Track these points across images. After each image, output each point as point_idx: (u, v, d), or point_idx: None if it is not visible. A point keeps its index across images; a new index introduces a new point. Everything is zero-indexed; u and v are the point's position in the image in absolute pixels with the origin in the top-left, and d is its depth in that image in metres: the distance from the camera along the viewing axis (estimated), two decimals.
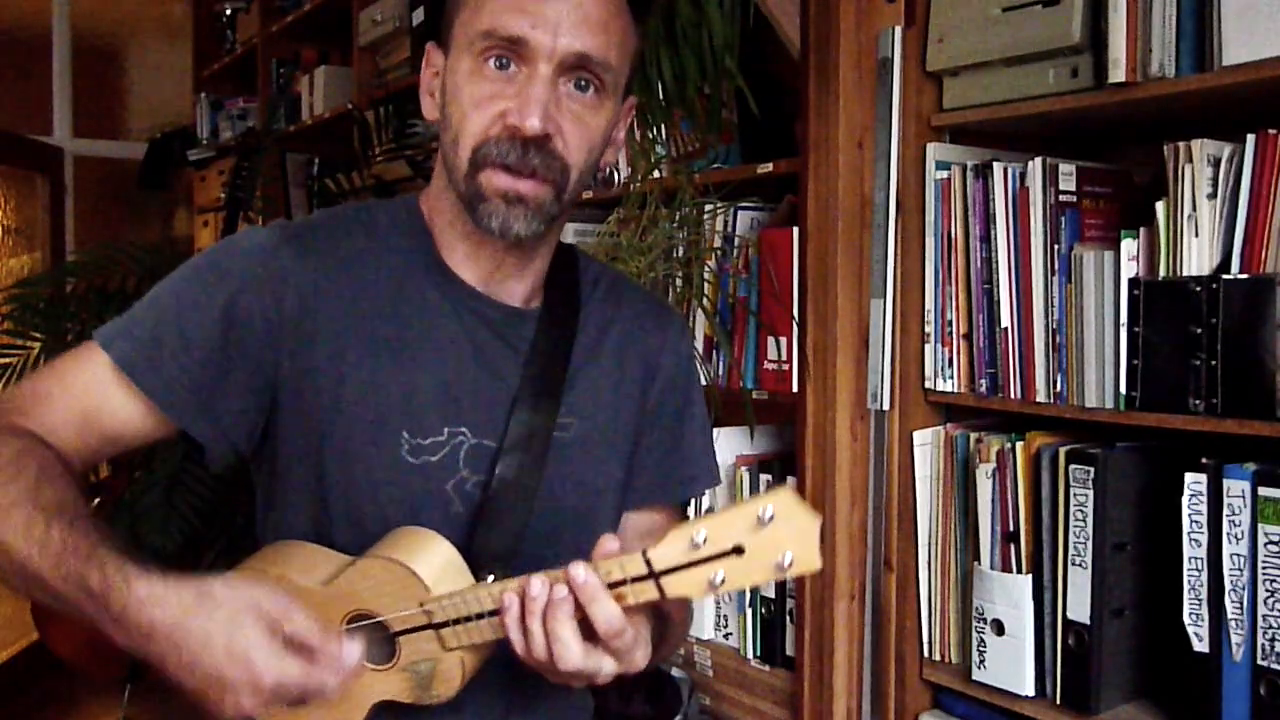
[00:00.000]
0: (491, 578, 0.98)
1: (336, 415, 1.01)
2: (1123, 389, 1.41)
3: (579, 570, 0.86)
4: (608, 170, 1.57)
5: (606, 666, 0.89)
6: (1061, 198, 1.50)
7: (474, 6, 0.98)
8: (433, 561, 0.95)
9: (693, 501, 1.69)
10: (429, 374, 1.03)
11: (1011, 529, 1.53)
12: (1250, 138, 1.30)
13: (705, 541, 0.84)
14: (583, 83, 0.97)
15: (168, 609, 0.82)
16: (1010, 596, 1.52)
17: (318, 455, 1.01)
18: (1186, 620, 1.35)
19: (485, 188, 0.97)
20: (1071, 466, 1.45)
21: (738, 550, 0.84)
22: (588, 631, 0.87)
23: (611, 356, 1.13)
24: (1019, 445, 1.53)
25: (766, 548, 0.84)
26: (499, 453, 1.04)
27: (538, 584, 0.87)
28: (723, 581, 0.84)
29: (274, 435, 1.04)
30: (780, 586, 1.88)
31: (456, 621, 0.93)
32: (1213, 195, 1.33)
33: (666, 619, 1.03)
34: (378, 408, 1.01)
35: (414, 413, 1.02)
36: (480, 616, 0.92)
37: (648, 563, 0.86)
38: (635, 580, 0.87)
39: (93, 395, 0.99)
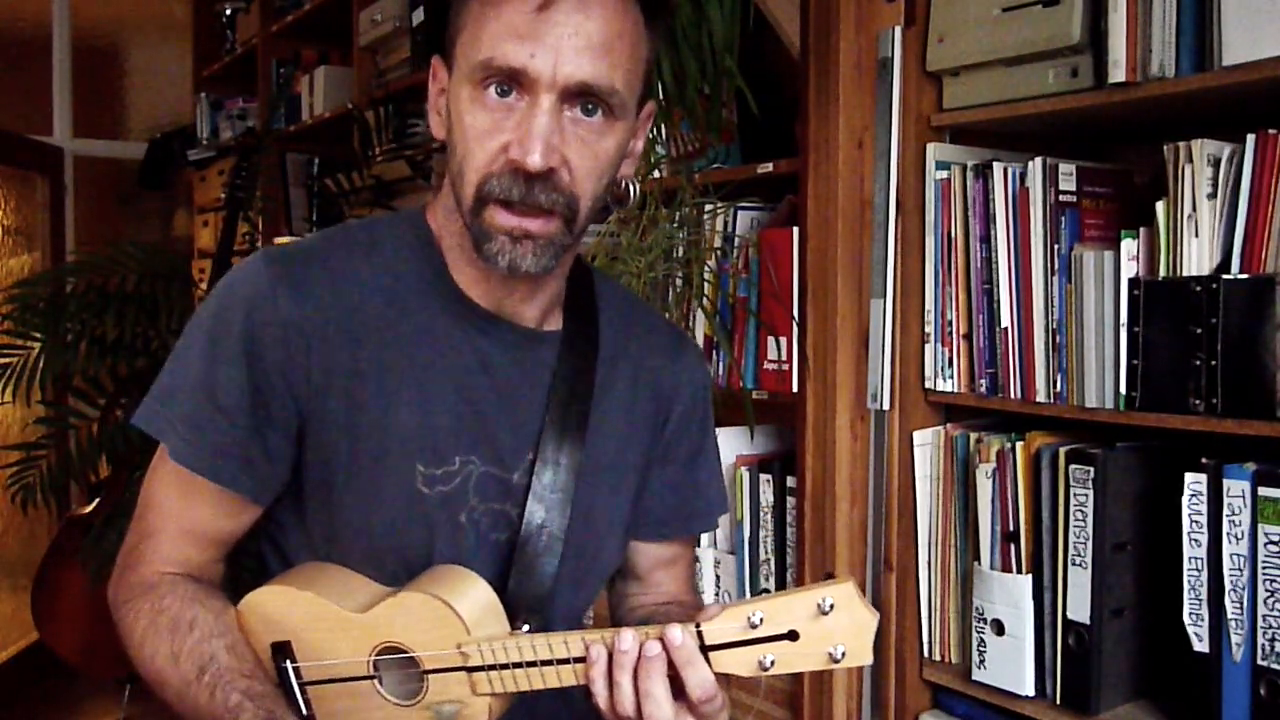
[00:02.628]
0: (526, 627, 0.98)
1: (352, 450, 0.99)
2: (1123, 389, 1.41)
3: (676, 633, 0.86)
4: (624, 184, 1.55)
5: None
6: (1061, 198, 1.50)
7: (473, 30, 0.93)
8: (474, 604, 0.94)
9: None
10: (442, 401, 1.01)
11: (1011, 529, 1.53)
12: (1250, 138, 1.30)
13: (761, 622, 0.85)
14: (590, 106, 0.93)
15: None
16: (1010, 596, 1.52)
17: (332, 489, 1.00)
18: (1186, 620, 1.35)
19: (490, 225, 0.93)
20: (1071, 466, 1.45)
21: (792, 635, 0.85)
22: (675, 692, 0.88)
23: (624, 386, 1.11)
24: (1019, 445, 1.53)
25: (821, 637, 0.84)
26: (526, 486, 1.03)
27: (629, 638, 0.87)
28: (773, 664, 0.85)
29: (295, 468, 1.02)
30: (780, 585, 1.88)
31: (492, 667, 0.92)
32: (1213, 195, 1.33)
33: None
34: (393, 440, 0.99)
35: (428, 443, 1.00)
36: (519, 665, 0.91)
37: (699, 635, 0.87)
38: None
39: (182, 508, 1.01)
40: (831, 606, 0.83)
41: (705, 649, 0.87)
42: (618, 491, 1.11)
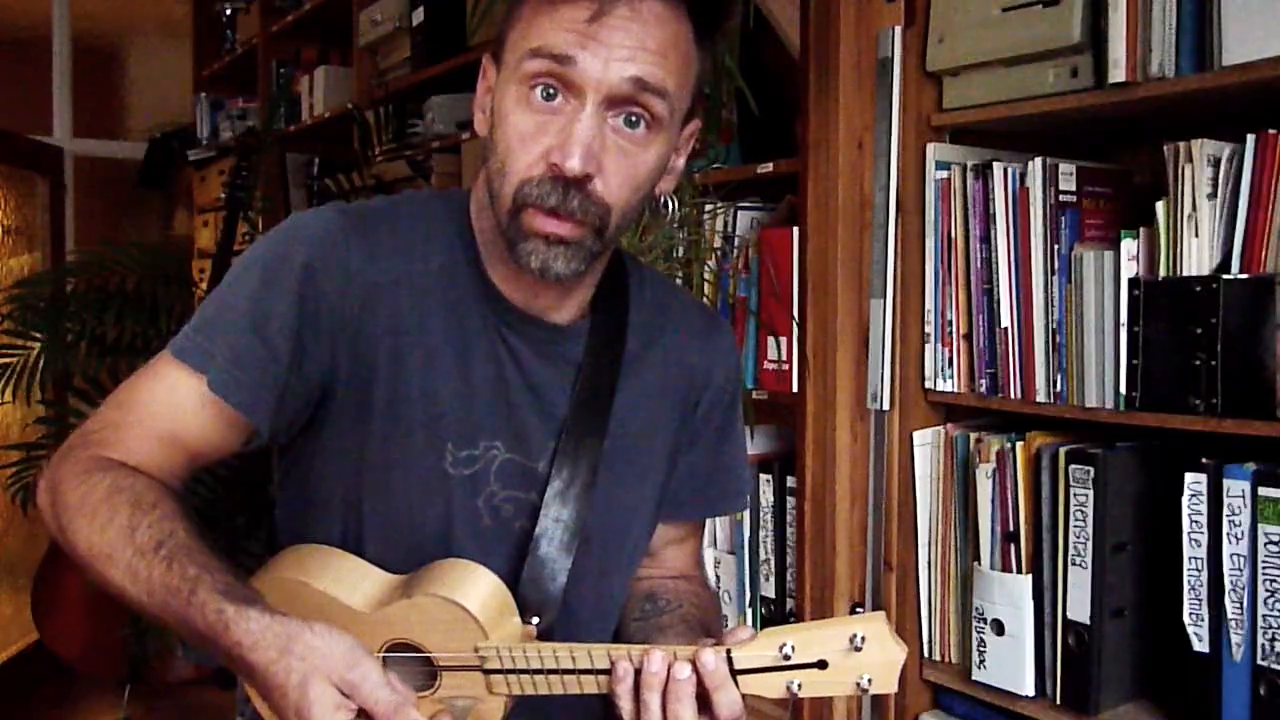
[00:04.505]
0: (536, 619, 0.98)
1: (391, 417, 0.99)
2: (1123, 389, 1.41)
3: (709, 658, 0.88)
4: (662, 198, 1.58)
5: None
6: (1061, 198, 1.50)
7: (525, 24, 0.94)
8: (486, 602, 0.94)
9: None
10: (479, 386, 1.01)
11: (1011, 529, 1.53)
12: (1250, 138, 1.30)
13: (793, 652, 0.87)
14: (633, 118, 0.94)
15: (259, 654, 0.83)
16: (1010, 596, 1.52)
17: (359, 458, 1.00)
18: (1186, 620, 1.35)
19: (526, 228, 0.94)
20: (1071, 466, 1.45)
21: (821, 664, 0.87)
22: (700, 707, 0.89)
23: (654, 370, 1.11)
24: (1019, 445, 1.53)
25: (850, 667, 0.86)
26: (545, 489, 1.03)
27: (658, 660, 0.88)
28: (800, 688, 0.87)
29: (317, 432, 1.01)
30: (780, 585, 1.88)
31: (510, 671, 0.92)
32: (1213, 195, 1.33)
33: None
34: (431, 416, 1.00)
35: (462, 424, 1.01)
36: (538, 672, 0.92)
37: (730, 660, 0.88)
38: None
39: (178, 416, 0.96)
40: (864, 641, 0.86)
41: (734, 672, 0.88)
42: (644, 479, 1.11)
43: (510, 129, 0.94)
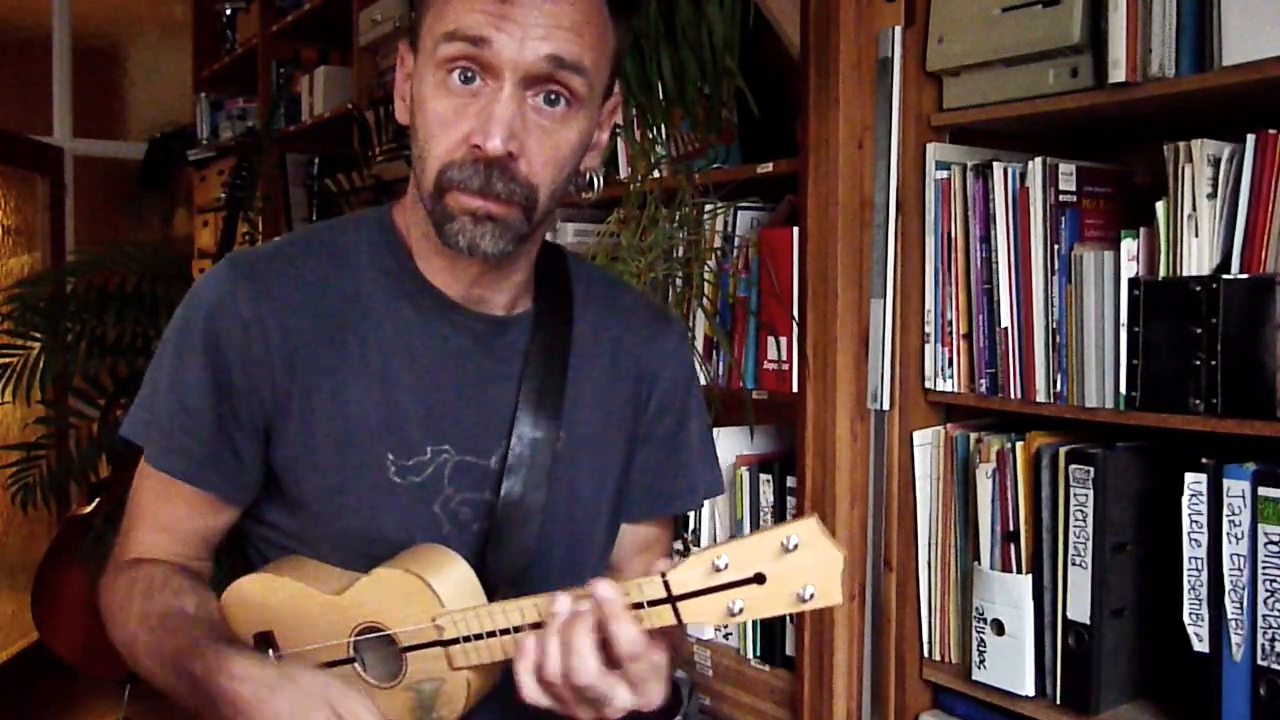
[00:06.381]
0: None
1: (316, 446, 1.00)
2: (1123, 389, 1.41)
3: (603, 587, 0.84)
4: (589, 175, 1.55)
5: (620, 695, 0.86)
6: (1061, 198, 1.50)
7: (439, 7, 0.94)
8: (449, 579, 0.94)
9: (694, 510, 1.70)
10: (410, 393, 1.01)
11: (1011, 529, 1.53)
12: (1250, 138, 1.30)
13: (727, 567, 0.82)
14: (552, 96, 0.93)
15: (252, 685, 0.88)
16: (1010, 596, 1.52)
17: (302, 486, 1.01)
18: (1186, 620, 1.35)
19: (452, 207, 0.94)
20: (1071, 466, 1.45)
21: (759, 579, 0.82)
22: (606, 657, 0.85)
23: (604, 364, 1.11)
24: (1019, 445, 1.53)
25: (788, 578, 0.81)
26: (502, 471, 1.02)
27: (563, 601, 0.86)
28: (741, 610, 0.82)
29: (278, 480, 1.03)
30: None
31: (467, 639, 0.92)
32: (1213, 195, 1.33)
33: (676, 647, 1.01)
34: (357, 434, 1.00)
35: (397, 434, 1.01)
36: (492, 634, 0.91)
37: (666, 585, 0.84)
38: (653, 604, 0.85)
39: (157, 507, 1.04)
40: (796, 545, 0.81)
41: (673, 599, 0.84)
42: (604, 472, 1.10)
43: (429, 114, 0.94)
